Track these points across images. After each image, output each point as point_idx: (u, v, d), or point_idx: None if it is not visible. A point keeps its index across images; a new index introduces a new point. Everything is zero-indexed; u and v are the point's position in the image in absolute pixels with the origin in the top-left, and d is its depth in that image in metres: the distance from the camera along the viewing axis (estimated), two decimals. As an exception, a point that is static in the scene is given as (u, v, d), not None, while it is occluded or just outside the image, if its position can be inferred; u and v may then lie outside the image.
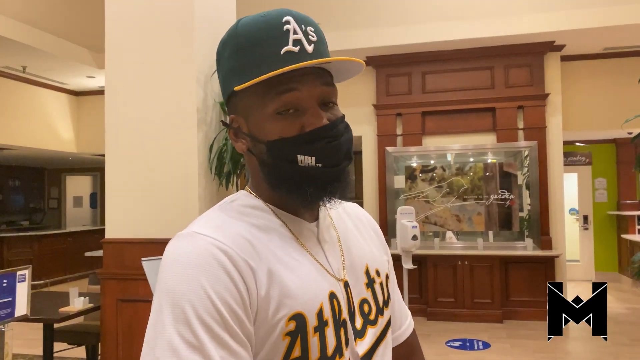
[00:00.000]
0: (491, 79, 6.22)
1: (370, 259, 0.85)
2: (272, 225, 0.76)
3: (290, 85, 0.72)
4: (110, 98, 3.64)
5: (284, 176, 0.74)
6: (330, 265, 0.77)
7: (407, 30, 5.90)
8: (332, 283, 0.75)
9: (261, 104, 0.74)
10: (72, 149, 8.38)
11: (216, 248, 0.67)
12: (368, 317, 0.79)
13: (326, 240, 0.80)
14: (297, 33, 0.73)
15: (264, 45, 0.72)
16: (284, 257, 0.72)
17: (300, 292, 0.70)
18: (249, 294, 0.66)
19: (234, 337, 0.63)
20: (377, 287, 0.83)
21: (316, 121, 0.73)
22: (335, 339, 0.71)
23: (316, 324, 0.69)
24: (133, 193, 3.54)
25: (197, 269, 0.64)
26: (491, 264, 5.93)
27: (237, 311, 0.64)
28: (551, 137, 6.12)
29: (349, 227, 0.87)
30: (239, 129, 0.78)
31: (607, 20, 5.41)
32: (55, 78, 7.49)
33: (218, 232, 0.70)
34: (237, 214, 0.76)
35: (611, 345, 4.87)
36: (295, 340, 0.67)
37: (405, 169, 6.48)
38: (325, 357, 0.69)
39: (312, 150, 0.72)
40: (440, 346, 5.02)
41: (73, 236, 9.82)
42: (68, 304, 3.70)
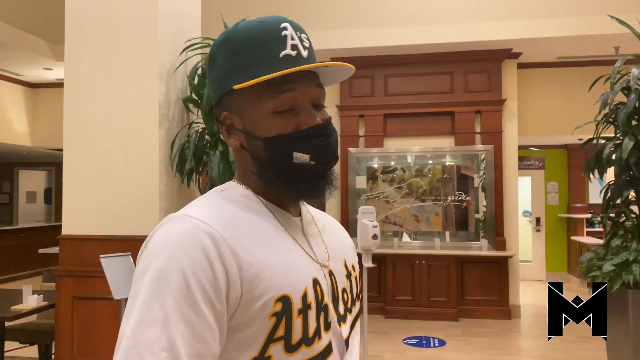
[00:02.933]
0: (451, 83, 6.38)
1: (347, 255, 0.92)
2: (261, 214, 0.80)
3: (289, 85, 0.77)
4: (70, 92, 3.56)
5: (279, 171, 0.78)
6: (315, 254, 0.82)
7: (371, 33, 5.99)
8: (316, 269, 0.80)
9: (258, 103, 0.78)
10: (26, 143, 8.11)
11: (202, 231, 0.70)
12: (347, 305, 0.86)
13: (310, 233, 0.85)
14: (294, 39, 0.78)
15: (263, 48, 0.77)
16: (271, 242, 0.77)
17: (287, 275, 0.74)
18: (227, 277, 0.69)
19: (201, 317, 0.66)
20: (352, 280, 0.90)
21: (311, 120, 0.78)
22: (315, 322, 0.76)
23: (300, 307, 0.74)
24: (92, 189, 3.48)
25: (180, 250, 0.68)
26: (448, 264, 6.08)
27: (210, 294, 0.67)
28: (507, 142, 6.33)
29: (328, 227, 0.94)
30: (232, 126, 0.82)
31: (561, 31, 5.64)
32: (10, 69, 7.23)
33: (207, 216, 0.73)
34: (228, 201, 0.80)
35: (560, 342, 5.09)
36: (281, 320, 0.72)
37: (366, 170, 6.58)
38: (307, 338, 0.74)
39: (308, 148, 0.77)
40: (398, 343, 5.12)
41: (26, 232, 9.50)
42: (21, 301, 3.60)
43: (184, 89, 3.73)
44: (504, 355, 4.83)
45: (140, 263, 0.71)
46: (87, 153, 3.49)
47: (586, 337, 5.15)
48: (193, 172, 3.51)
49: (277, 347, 0.71)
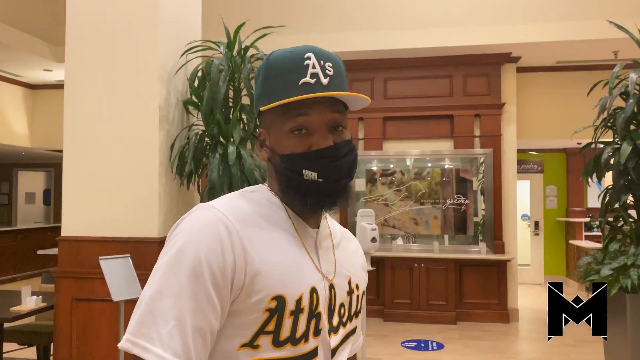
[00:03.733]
0: (450, 87, 6.40)
1: (353, 274, 0.98)
2: (281, 220, 0.89)
3: (303, 110, 0.86)
4: (70, 93, 3.57)
5: (291, 185, 0.87)
6: (321, 266, 0.90)
7: (371, 37, 6.00)
8: (317, 280, 0.87)
9: (280, 124, 0.88)
10: (25, 144, 8.11)
11: (221, 223, 0.80)
12: (342, 319, 0.92)
13: (322, 246, 0.93)
14: (315, 67, 0.87)
15: (286, 75, 0.87)
16: (281, 246, 0.85)
17: (286, 278, 0.82)
18: (235, 268, 0.78)
19: (207, 297, 0.76)
20: (353, 298, 0.96)
21: (322, 142, 0.86)
22: (305, 326, 0.83)
23: (293, 309, 0.81)
24: (91, 190, 3.48)
25: (200, 235, 0.79)
26: (446, 267, 6.09)
27: (218, 278, 0.77)
28: (506, 145, 6.35)
29: (343, 245, 1.01)
30: (264, 142, 0.93)
31: (561, 35, 5.66)
32: (10, 70, 7.23)
33: (230, 211, 0.83)
34: (254, 202, 0.89)
35: (558, 345, 5.09)
36: (273, 317, 0.80)
37: (365, 173, 6.59)
38: (293, 338, 0.82)
39: (316, 167, 0.86)
40: (396, 346, 5.13)
41: (24, 233, 9.50)
42: (20, 303, 3.60)
43: (184, 91, 3.74)
44: (503, 358, 4.83)
45: (169, 241, 0.82)
46: (87, 155, 3.49)
47: (584, 341, 5.16)
48: (192, 174, 3.52)
49: (266, 339, 0.80)
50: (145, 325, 0.75)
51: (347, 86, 0.93)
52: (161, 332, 0.74)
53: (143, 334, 0.74)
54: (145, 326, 0.75)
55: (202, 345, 0.76)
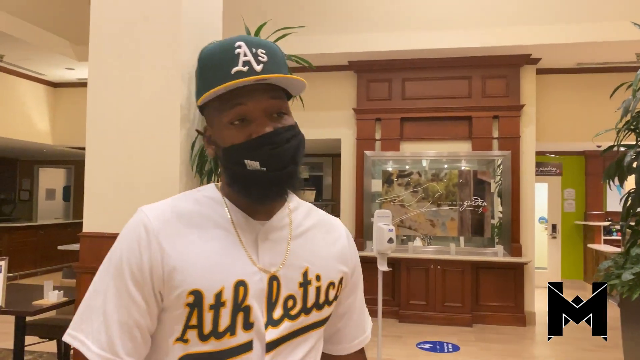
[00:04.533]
0: (469, 88, 6.37)
1: (315, 264, 0.94)
2: (217, 216, 0.90)
3: (238, 100, 0.85)
4: (93, 92, 3.63)
5: (236, 177, 0.87)
6: (259, 258, 0.89)
7: (389, 37, 6.00)
8: (249, 272, 0.87)
9: (219, 116, 0.88)
10: (47, 141, 8.25)
11: (141, 224, 0.85)
12: (289, 312, 0.89)
13: (268, 238, 0.91)
14: (247, 55, 0.85)
15: (218, 67, 0.86)
16: (205, 243, 0.86)
17: (206, 273, 0.84)
18: (151, 265, 0.83)
19: (129, 293, 0.83)
20: (310, 289, 0.92)
21: (261, 129, 0.85)
22: (229, 320, 0.84)
23: (212, 303, 0.83)
24: (113, 187, 3.53)
25: (124, 239, 0.86)
26: (462, 269, 6.06)
27: (137, 276, 0.83)
28: (524, 147, 6.30)
29: (309, 234, 0.97)
30: (210, 137, 0.92)
31: (582, 37, 5.60)
32: (33, 68, 7.37)
33: (155, 211, 0.88)
34: (193, 201, 0.91)
35: (575, 350, 5.05)
36: (193, 311, 0.83)
37: (382, 173, 6.58)
38: (216, 332, 0.83)
39: (257, 155, 0.84)
40: (411, 348, 5.12)
41: (45, 229, 9.65)
42: (42, 297, 3.67)
43: (204, 90, 3.77)
44: (519, 362, 4.81)
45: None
46: (109, 152, 3.55)
47: (603, 346, 5.10)
48: (212, 173, 3.56)
49: (193, 334, 0.83)
50: (83, 321, 0.84)
51: (287, 71, 0.91)
52: (93, 327, 0.83)
53: (81, 329, 0.84)
54: (83, 322, 0.84)
55: (129, 339, 0.82)
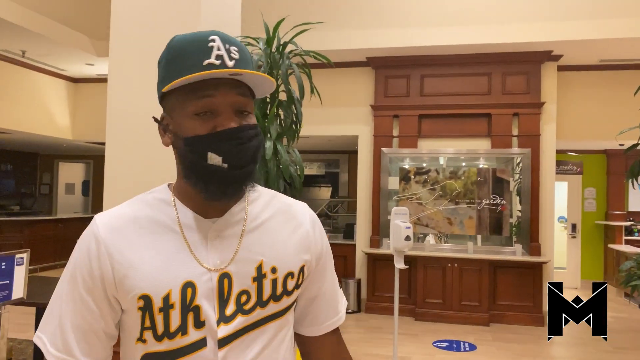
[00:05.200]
0: (488, 85, 6.30)
1: (269, 257, 0.93)
2: (165, 218, 0.91)
3: (207, 92, 0.85)
4: (114, 87, 3.66)
5: (195, 170, 0.86)
6: (208, 258, 0.89)
7: (407, 33, 5.95)
8: (196, 274, 0.88)
9: (183, 106, 0.87)
10: (67, 136, 8.35)
11: (92, 235, 0.90)
12: (242, 307, 0.89)
13: (219, 235, 0.91)
14: (220, 50, 0.85)
15: (190, 57, 0.85)
16: (152, 248, 0.89)
17: (152, 278, 0.86)
18: (102, 274, 0.87)
19: (81, 299, 0.88)
20: (265, 282, 0.92)
21: (226, 123, 0.85)
22: (179, 320, 0.86)
23: (161, 306, 0.86)
24: (132, 182, 3.56)
25: (76, 248, 0.91)
26: (480, 268, 6.01)
27: (88, 283, 0.88)
28: (545, 145, 6.21)
29: (266, 226, 0.96)
30: (167, 126, 0.91)
31: (605, 33, 5.50)
32: (54, 64, 7.46)
33: (105, 220, 0.91)
34: (141, 204, 0.94)
35: (595, 352, 4.97)
36: (145, 314, 0.86)
37: (399, 170, 6.54)
38: (168, 332, 0.87)
39: (221, 150, 0.84)
40: (428, 346, 5.09)
41: (64, 222, 9.79)
42: (62, 289, 3.71)
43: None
44: (537, 362, 4.75)
45: None
46: (128, 147, 3.58)
47: (623, 348, 5.02)
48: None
49: (149, 334, 0.87)
50: (46, 323, 0.90)
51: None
52: (50, 330, 0.88)
53: (45, 331, 0.90)
54: (45, 324, 0.90)
55: (85, 341, 0.88)
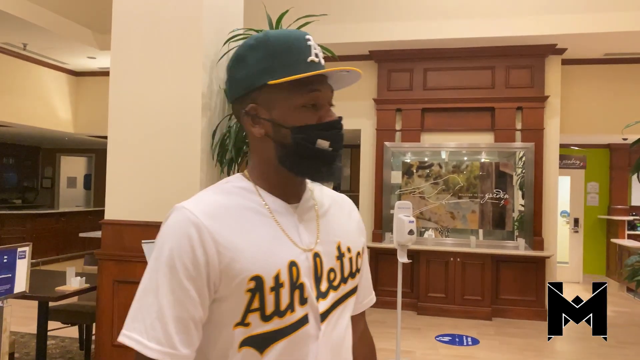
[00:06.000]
0: (492, 78, 6.26)
1: (344, 238, 1.03)
2: (253, 204, 0.95)
3: (316, 86, 0.93)
4: (116, 80, 3.64)
5: (304, 155, 0.93)
6: (301, 238, 0.95)
7: (410, 26, 5.92)
8: (296, 253, 0.93)
9: (289, 98, 0.93)
10: (69, 129, 8.34)
11: (189, 221, 0.88)
12: (332, 283, 0.97)
13: (303, 219, 0.98)
14: (316, 49, 0.95)
15: (294, 52, 0.93)
16: (254, 230, 0.92)
17: (261, 259, 0.89)
18: (207, 259, 0.86)
19: (182, 288, 0.86)
20: (345, 261, 1.01)
21: (330, 115, 0.95)
22: (288, 298, 0.90)
23: (272, 285, 0.89)
24: (134, 175, 3.55)
25: (172, 236, 0.88)
26: (483, 262, 5.99)
27: (191, 270, 0.86)
28: (548, 139, 6.18)
29: (331, 211, 1.06)
30: (257, 116, 0.95)
31: (610, 26, 5.46)
32: (56, 57, 7.43)
33: (198, 207, 0.90)
34: (226, 193, 0.96)
35: (598, 346, 4.96)
36: (255, 296, 0.88)
37: (402, 165, 6.52)
38: (279, 311, 0.89)
39: (328, 136, 0.93)
40: (430, 340, 5.09)
41: (67, 216, 9.79)
42: (64, 283, 3.71)
43: (225, 79, 3.76)
44: (540, 357, 4.74)
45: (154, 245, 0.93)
46: (130, 140, 3.56)
47: (626, 342, 5.02)
48: (233, 162, 3.55)
49: (255, 316, 0.88)
50: (135, 320, 0.86)
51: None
52: (146, 325, 0.85)
53: (134, 328, 0.86)
54: (135, 321, 0.86)
55: (184, 332, 0.86)
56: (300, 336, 0.91)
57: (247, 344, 0.88)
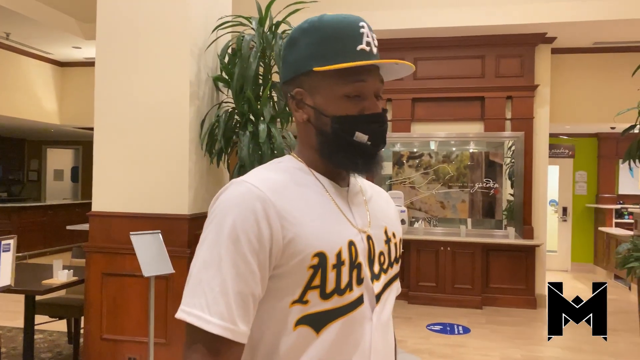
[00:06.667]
0: (482, 68, 6.24)
1: (389, 223, 1.03)
2: (310, 183, 0.94)
3: (362, 76, 0.91)
4: (101, 69, 3.56)
5: (341, 146, 0.92)
6: (355, 220, 0.95)
7: (400, 15, 5.87)
8: (353, 233, 0.92)
9: (332, 86, 0.92)
10: (54, 121, 8.20)
11: (253, 194, 0.85)
12: (382, 266, 0.98)
13: (354, 202, 0.98)
14: (369, 36, 0.92)
15: (345, 39, 0.91)
16: (314, 207, 0.91)
17: (324, 236, 0.88)
18: (271, 233, 0.84)
19: (246, 263, 0.83)
20: (392, 245, 1.02)
21: (374, 108, 0.93)
22: (348, 277, 0.89)
23: (335, 262, 0.87)
24: (122, 167, 3.49)
25: (235, 209, 0.85)
26: (473, 251, 6.01)
27: (255, 245, 0.83)
28: (538, 129, 6.18)
29: (374, 198, 1.06)
30: (302, 101, 0.95)
31: (599, 15, 5.45)
32: (40, 47, 7.29)
33: (261, 182, 0.88)
34: (283, 171, 0.94)
35: (587, 334, 4.98)
36: (317, 272, 0.86)
37: (392, 155, 6.50)
38: (339, 289, 0.87)
39: (367, 130, 0.92)
40: (421, 329, 5.09)
41: (54, 209, 9.67)
42: (51, 276, 3.65)
43: (214, 68, 3.70)
44: (530, 344, 4.77)
45: (209, 217, 0.88)
46: (117, 131, 3.50)
47: (615, 330, 5.06)
48: (222, 152, 3.50)
49: (314, 294, 0.86)
50: (195, 296, 0.83)
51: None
52: (208, 299, 0.82)
53: (194, 304, 0.82)
54: (195, 297, 0.83)
55: (243, 308, 0.83)
56: (356, 317, 0.90)
57: (304, 322, 0.86)
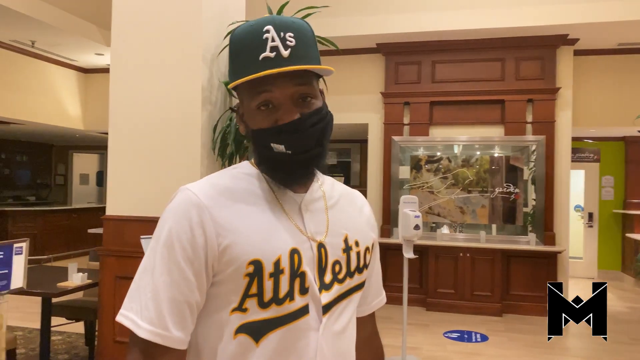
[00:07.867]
0: (501, 70, 6.14)
1: (351, 231, 1.00)
2: (259, 190, 0.93)
3: (265, 87, 0.88)
4: (115, 75, 3.61)
5: (263, 158, 0.92)
6: (306, 228, 0.93)
7: (418, 18, 5.82)
8: (300, 241, 0.91)
9: (248, 100, 0.92)
10: (79, 126, 8.38)
11: (190, 202, 0.87)
12: (337, 276, 0.95)
13: (309, 209, 0.96)
14: (275, 40, 0.87)
15: (247, 52, 0.89)
16: (255, 215, 0.90)
17: (261, 244, 0.87)
18: (206, 242, 0.85)
19: (179, 270, 0.84)
20: (352, 254, 0.98)
21: (287, 116, 0.88)
22: (288, 286, 0.87)
23: (272, 271, 0.86)
24: (135, 171, 3.53)
25: (172, 217, 0.87)
26: (493, 257, 5.90)
27: (189, 252, 0.84)
28: (560, 132, 6.05)
29: (340, 204, 1.03)
30: (243, 116, 0.96)
31: (623, 15, 5.31)
32: (64, 54, 7.46)
33: (202, 190, 0.89)
34: (232, 178, 0.94)
35: (610, 343, 4.85)
36: (253, 280, 0.85)
37: (410, 159, 6.43)
38: (277, 298, 0.86)
39: (283, 140, 0.88)
40: (438, 337, 5.01)
41: (77, 213, 9.86)
42: (67, 279, 3.71)
43: (226, 73, 3.72)
44: (549, 354, 4.64)
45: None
46: (130, 135, 3.54)
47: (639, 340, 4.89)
48: (234, 156, 3.51)
49: (252, 302, 0.85)
50: (133, 300, 0.86)
51: (316, 52, 0.92)
52: (142, 305, 0.84)
53: (131, 308, 0.85)
54: (133, 301, 0.86)
55: (177, 314, 0.84)
56: (299, 326, 0.88)
57: (243, 330, 0.86)
